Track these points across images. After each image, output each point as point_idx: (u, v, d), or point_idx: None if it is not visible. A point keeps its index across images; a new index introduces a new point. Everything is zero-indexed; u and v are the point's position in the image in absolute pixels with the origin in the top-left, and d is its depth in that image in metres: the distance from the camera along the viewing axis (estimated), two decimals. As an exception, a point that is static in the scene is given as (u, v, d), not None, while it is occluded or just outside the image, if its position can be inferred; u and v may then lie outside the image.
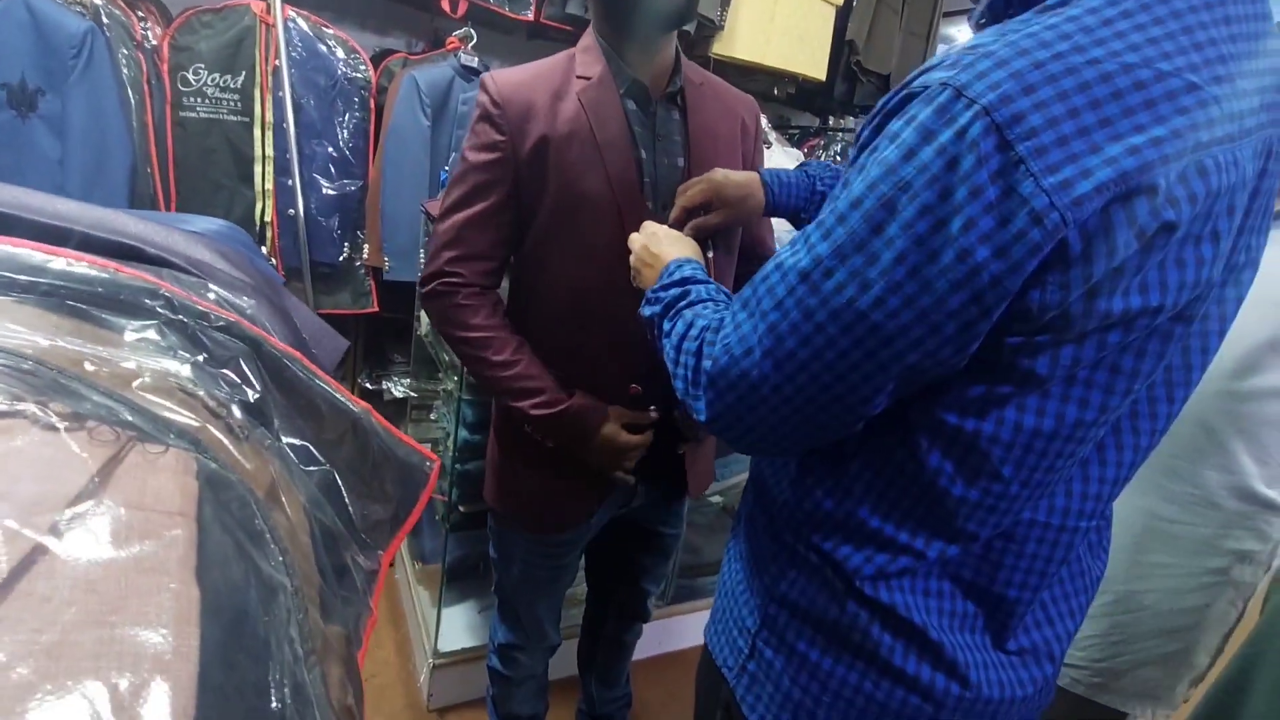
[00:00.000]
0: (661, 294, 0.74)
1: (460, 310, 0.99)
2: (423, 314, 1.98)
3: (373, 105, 2.07)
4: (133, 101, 1.78)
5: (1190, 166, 0.45)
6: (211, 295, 0.65)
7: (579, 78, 0.95)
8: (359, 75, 2.03)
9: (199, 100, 1.89)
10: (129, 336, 0.48)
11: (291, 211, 2.00)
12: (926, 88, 0.47)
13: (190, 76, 1.87)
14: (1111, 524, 0.68)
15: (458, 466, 1.56)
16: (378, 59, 2.12)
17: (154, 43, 1.84)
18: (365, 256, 2.17)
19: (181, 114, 1.87)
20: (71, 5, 1.68)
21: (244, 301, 0.68)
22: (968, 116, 0.44)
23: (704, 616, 2.04)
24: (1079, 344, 0.49)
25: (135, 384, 0.44)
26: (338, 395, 0.56)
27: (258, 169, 1.96)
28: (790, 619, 0.65)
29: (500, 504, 1.15)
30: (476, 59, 2.11)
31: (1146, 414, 0.56)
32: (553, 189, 0.93)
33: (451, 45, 2.12)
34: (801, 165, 1.02)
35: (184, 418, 0.44)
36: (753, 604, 0.69)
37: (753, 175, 0.97)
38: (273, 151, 1.95)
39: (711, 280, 0.76)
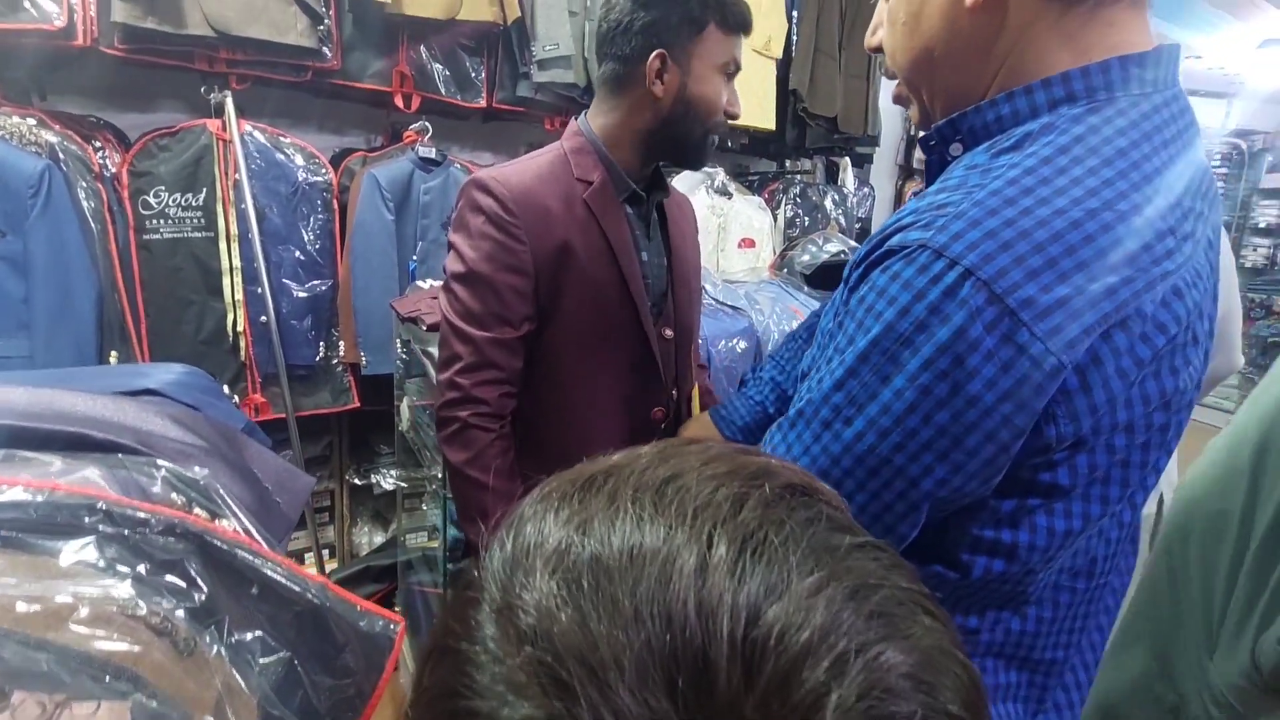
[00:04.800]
0: None
1: (490, 452, 0.94)
2: (403, 407, 1.97)
3: (335, 205, 2.10)
4: (95, 231, 1.79)
5: (1168, 292, 0.49)
6: (161, 473, 0.65)
7: (580, 180, 0.96)
8: (320, 179, 2.06)
9: (162, 221, 1.91)
10: (65, 560, 0.47)
11: (264, 318, 2.00)
12: (905, 247, 0.50)
13: (151, 200, 1.89)
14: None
15: (449, 565, 1.54)
16: (337, 159, 2.16)
17: (113, 170, 1.86)
18: (342, 354, 2.17)
19: (145, 237, 1.89)
20: (26, 146, 1.71)
21: (196, 472, 0.68)
22: (953, 276, 0.47)
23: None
24: (1091, 453, 0.52)
25: (72, 619, 0.43)
26: (291, 575, 0.55)
27: (226, 280, 1.97)
28: None
29: None
30: (434, 149, 2.16)
31: (1151, 469, 0.59)
32: (572, 290, 0.94)
33: (409, 139, 2.17)
34: (741, 386, 1.04)
35: (124, 646, 0.43)
36: None
37: (713, 430, 1.00)
38: (240, 262, 1.97)
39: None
